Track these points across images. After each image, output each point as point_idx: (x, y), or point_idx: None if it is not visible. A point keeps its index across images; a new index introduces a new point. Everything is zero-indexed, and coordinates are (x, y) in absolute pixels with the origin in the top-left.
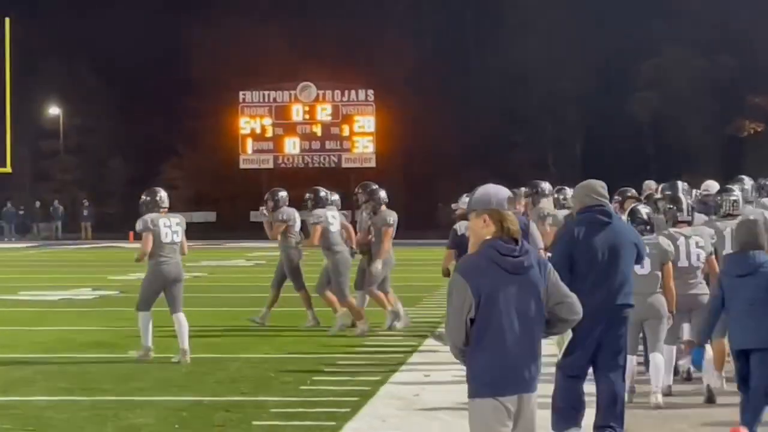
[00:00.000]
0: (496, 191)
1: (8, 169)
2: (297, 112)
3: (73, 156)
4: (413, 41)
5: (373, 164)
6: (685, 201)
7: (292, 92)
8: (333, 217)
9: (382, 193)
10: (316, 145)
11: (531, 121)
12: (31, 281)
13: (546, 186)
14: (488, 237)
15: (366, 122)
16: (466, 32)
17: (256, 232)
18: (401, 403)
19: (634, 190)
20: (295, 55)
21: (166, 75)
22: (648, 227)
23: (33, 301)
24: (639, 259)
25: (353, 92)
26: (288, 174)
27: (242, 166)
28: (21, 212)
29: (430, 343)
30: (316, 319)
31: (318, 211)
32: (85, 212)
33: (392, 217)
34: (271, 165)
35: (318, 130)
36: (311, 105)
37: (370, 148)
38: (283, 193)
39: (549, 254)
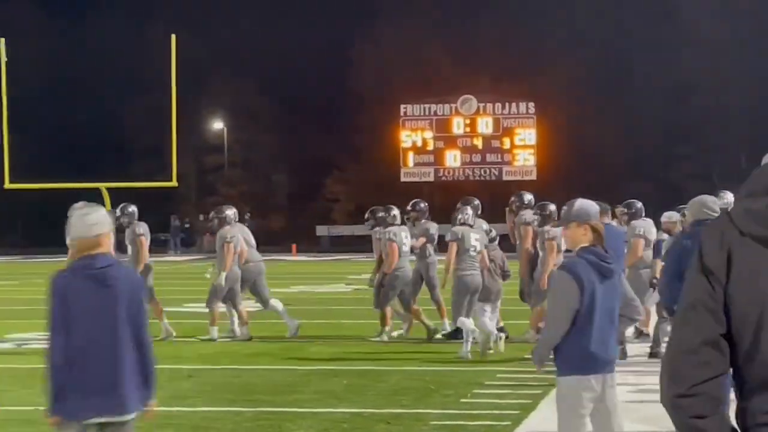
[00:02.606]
0: (591, 205)
1: (174, 183)
2: (458, 125)
3: (238, 170)
4: (574, 53)
5: (534, 177)
6: None
7: (453, 105)
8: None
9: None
10: (476, 158)
11: (695, 133)
12: (195, 293)
13: (529, 197)
14: (585, 244)
15: (527, 135)
16: (628, 43)
17: None
18: None
19: None
20: (455, 68)
21: (328, 90)
22: None
23: (197, 313)
24: None
25: (514, 105)
26: (449, 187)
27: (403, 179)
28: (187, 226)
29: None
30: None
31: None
32: (246, 226)
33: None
34: (432, 178)
35: (479, 142)
36: (472, 118)
37: (531, 160)
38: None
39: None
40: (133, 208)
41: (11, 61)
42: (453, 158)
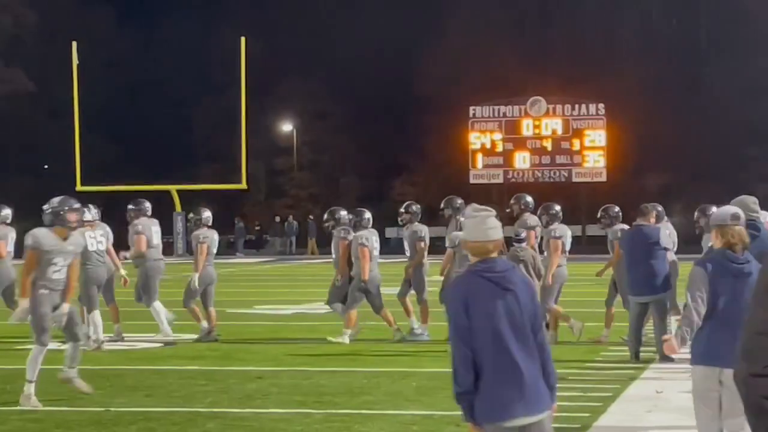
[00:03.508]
0: (725, 211)
1: (244, 185)
2: (527, 127)
3: (307, 172)
4: (645, 53)
5: (604, 179)
6: None
7: (522, 107)
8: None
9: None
10: (546, 159)
11: (767, 134)
12: (265, 295)
13: (528, 199)
14: (718, 246)
15: (596, 136)
16: (699, 44)
17: None
18: (633, 419)
19: None
20: (524, 69)
21: (397, 92)
22: None
23: (267, 315)
24: None
25: (583, 106)
26: (518, 188)
27: (472, 181)
28: (257, 227)
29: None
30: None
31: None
32: (309, 227)
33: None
34: (501, 180)
35: (548, 144)
36: (541, 119)
37: (601, 162)
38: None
39: None
40: (207, 214)
41: (83, 64)
42: (522, 160)
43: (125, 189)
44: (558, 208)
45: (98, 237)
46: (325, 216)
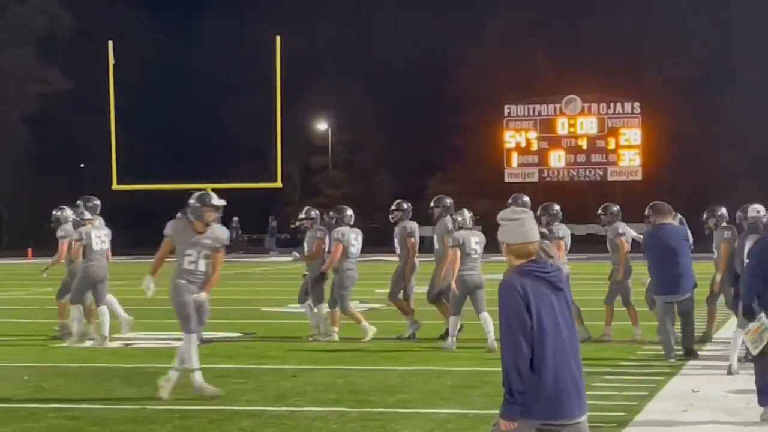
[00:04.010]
0: None
1: (279, 184)
2: (562, 126)
3: (341, 171)
4: (681, 52)
5: (639, 177)
6: None
7: (557, 105)
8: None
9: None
10: (581, 158)
11: None
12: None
13: (525, 199)
14: None
15: (632, 135)
16: (736, 42)
17: None
18: (669, 418)
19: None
20: (560, 68)
21: (433, 91)
22: None
23: (302, 313)
24: None
25: (618, 105)
26: (553, 187)
27: (507, 180)
28: (292, 226)
29: (696, 361)
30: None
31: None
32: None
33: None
34: (536, 179)
35: (583, 143)
36: (576, 118)
37: (637, 161)
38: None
39: None
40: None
41: (119, 63)
42: (557, 159)
43: (160, 188)
44: (557, 207)
45: (102, 236)
46: (301, 215)
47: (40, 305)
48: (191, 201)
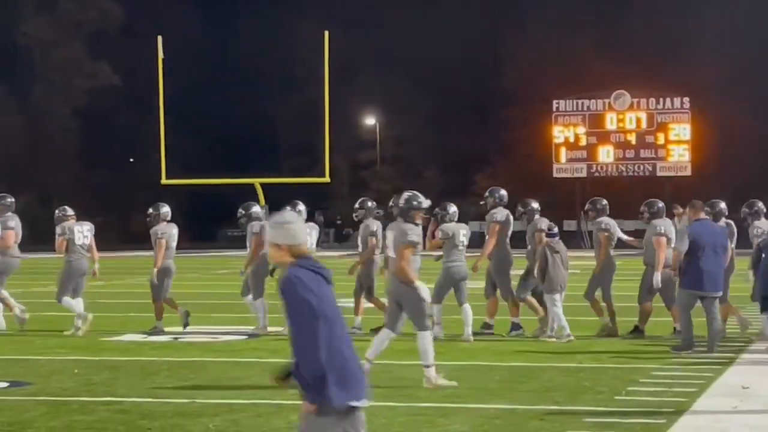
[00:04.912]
0: None
1: (327, 179)
2: (611, 121)
3: (389, 166)
4: (730, 47)
5: (688, 173)
6: None
7: (606, 100)
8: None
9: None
10: (630, 153)
11: None
12: (347, 288)
13: (534, 205)
14: None
15: (681, 130)
16: None
17: (569, 240)
18: (718, 416)
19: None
20: (608, 63)
21: (481, 86)
22: None
23: (349, 308)
24: None
25: (668, 100)
26: (602, 182)
27: (556, 175)
28: (339, 221)
29: (746, 357)
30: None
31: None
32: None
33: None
34: (584, 174)
35: (632, 138)
36: (625, 113)
37: (686, 156)
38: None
39: None
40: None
41: (168, 58)
42: (606, 154)
43: (210, 182)
44: (605, 202)
45: (84, 231)
46: (240, 212)
47: (92, 299)
48: (399, 203)
